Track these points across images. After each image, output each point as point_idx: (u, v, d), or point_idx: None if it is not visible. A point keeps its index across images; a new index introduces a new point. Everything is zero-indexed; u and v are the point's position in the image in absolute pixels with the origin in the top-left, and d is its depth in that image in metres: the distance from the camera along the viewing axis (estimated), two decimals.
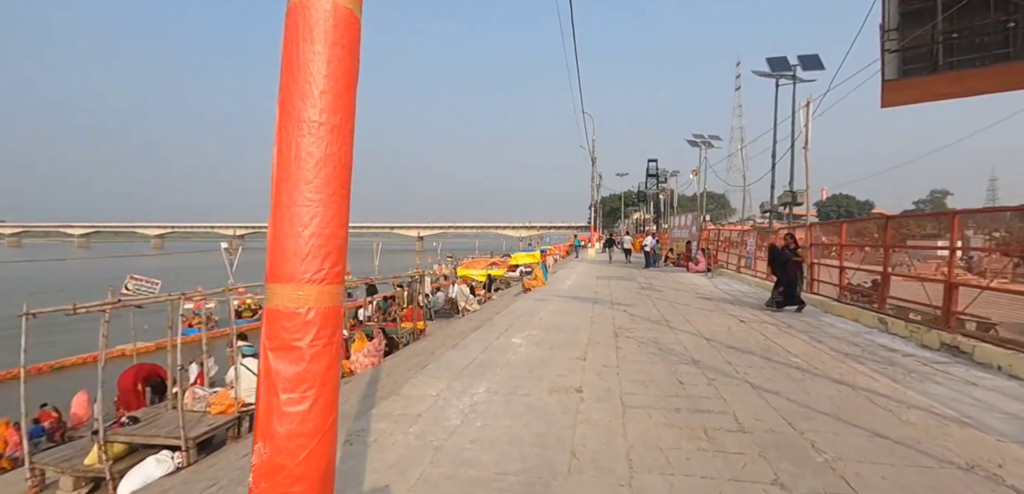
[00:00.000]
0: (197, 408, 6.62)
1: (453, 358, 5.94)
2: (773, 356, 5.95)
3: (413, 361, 7.26)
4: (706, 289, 13.30)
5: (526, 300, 11.49)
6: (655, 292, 12.68)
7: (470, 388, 4.72)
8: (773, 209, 17.85)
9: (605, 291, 12.93)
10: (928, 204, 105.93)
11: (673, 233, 27.84)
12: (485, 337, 7.17)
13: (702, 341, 6.80)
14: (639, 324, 8.12)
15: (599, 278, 16.86)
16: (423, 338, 12.06)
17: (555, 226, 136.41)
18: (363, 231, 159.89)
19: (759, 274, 14.86)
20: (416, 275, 13.44)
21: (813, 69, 16.27)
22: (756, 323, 8.15)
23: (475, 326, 9.10)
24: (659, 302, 10.70)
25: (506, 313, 9.61)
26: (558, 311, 9.53)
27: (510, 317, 9.02)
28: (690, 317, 8.75)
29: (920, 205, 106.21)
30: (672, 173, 46.04)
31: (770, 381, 4.94)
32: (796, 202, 16.02)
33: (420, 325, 12.63)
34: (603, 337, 7.07)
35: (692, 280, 15.90)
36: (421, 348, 9.09)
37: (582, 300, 11.09)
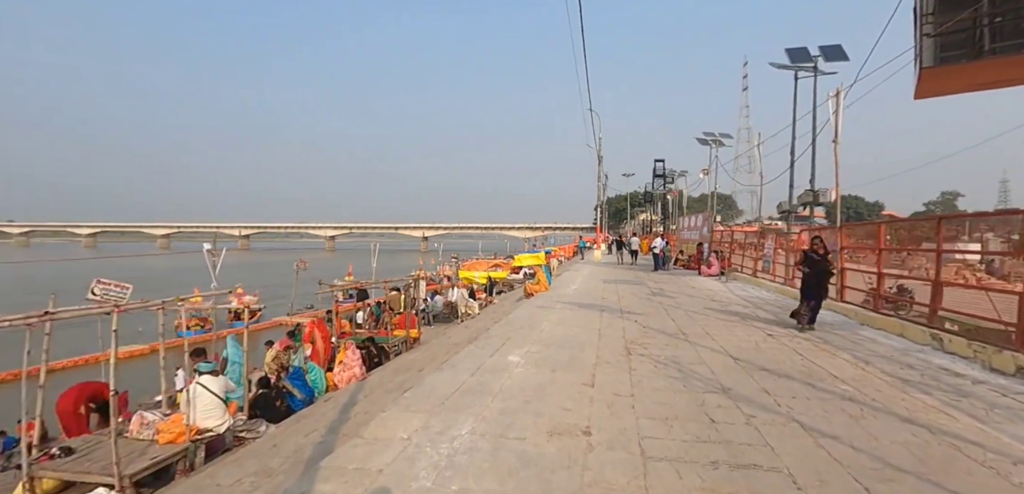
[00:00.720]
0: (144, 436, 5.75)
1: (438, 382, 5.03)
2: (817, 382, 5.01)
3: (394, 382, 6.37)
4: (722, 295, 12.33)
5: (528, 307, 10.58)
6: (667, 298, 11.73)
7: (452, 427, 3.82)
8: (792, 209, 16.85)
9: (613, 297, 11.99)
10: (939, 206, 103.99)
11: (682, 234, 26.83)
12: (478, 353, 6.26)
13: (728, 360, 5.86)
14: (653, 338, 7.18)
15: (606, 282, 15.91)
16: (416, 348, 11.18)
17: (560, 227, 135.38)
18: (368, 232, 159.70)
19: (778, 279, 13.87)
20: (411, 279, 12.55)
21: (836, 60, 15.24)
22: (786, 337, 7.19)
23: (470, 337, 8.20)
24: (673, 310, 9.76)
25: (505, 322, 8.70)
26: (562, 321, 8.61)
27: (509, 327, 8.11)
28: (710, 329, 7.80)
29: (930, 207, 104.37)
30: (680, 173, 44.90)
31: (823, 419, 4.00)
32: (817, 202, 15.03)
33: (414, 333, 11.76)
34: (613, 354, 6.15)
35: (705, 285, 14.92)
36: (409, 363, 8.20)
37: (589, 308, 10.16)
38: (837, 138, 9.62)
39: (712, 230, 22.19)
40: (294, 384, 8.04)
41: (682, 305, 10.56)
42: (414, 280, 12.32)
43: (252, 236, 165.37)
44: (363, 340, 10.70)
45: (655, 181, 70.00)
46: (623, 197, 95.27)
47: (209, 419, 5.84)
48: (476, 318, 13.18)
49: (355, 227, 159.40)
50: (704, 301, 11.27)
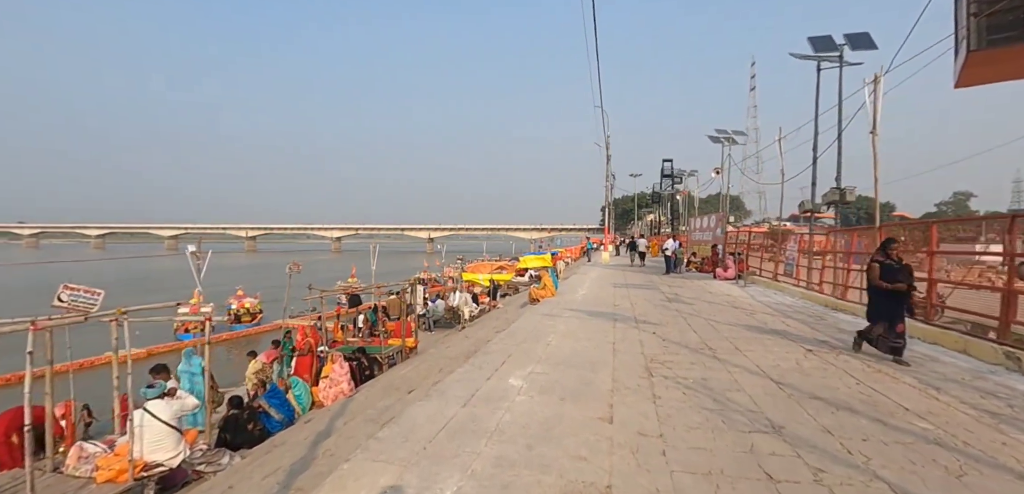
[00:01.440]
0: (81, 472, 4.92)
1: (422, 416, 4.14)
2: (887, 417, 4.08)
3: (377, 407, 5.49)
4: (744, 302, 11.37)
5: (533, 315, 9.68)
6: (685, 305, 10.80)
7: (431, 486, 2.93)
8: (815, 209, 15.83)
9: (625, 303, 11.07)
10: (951, 206, 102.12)
11: (694, 236, 25.82)
12: (474, 375, 5.37)
13: (770, 385, 4.93)
14: (676, 354, 6.26)
15: (617, 286, 14.98)
16: (411, 359, 10.32)
17: (566, 228, 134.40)
18: (374, 233, 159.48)
19: (802, 283, 12.88)
20: (408, 284, 11.68)
21: (863, 48, 14.20)
22: (830, 355, 6.24)
23: (467, 351, 7.31)
24: (693, 319, 8.82)
25: (507, 333, 7.80)
26: (571, 332, 7.71)
27: (511, 340, 7.21)
28: (740, 343, 6.87)
29: (942, 208, 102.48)
30: (689, 173, 43.79)
31: (914, 475, 3.07)
32: (845, 200, 14.01)
33: (410, 342, 10.89)
34: (632, 376, 5.24)
35: (723, 289, 13.95)
36: (398, 380, 7.32)
37: (600, 316, 9.25)
38: (875, 128, 8.66)
39: (726, 231, 21.19)
40: (271, 403, 7.19)
41: (702, 313, 9.62)
42: (411, 284, 11.48)
43: (259, 237, 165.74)
44: (353, 350, 9.85)
45: (663, 181, 68.90)
46: (630, 198, 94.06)
47: (158, 451, 5.00)
48: (477, 326, 12.30)
49: (361, 228, 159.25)
50: (725, 309, 10.31)
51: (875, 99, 8.67)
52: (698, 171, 46.09)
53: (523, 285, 28.11)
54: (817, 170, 15.17)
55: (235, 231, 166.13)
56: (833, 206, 14.69)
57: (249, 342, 27.56)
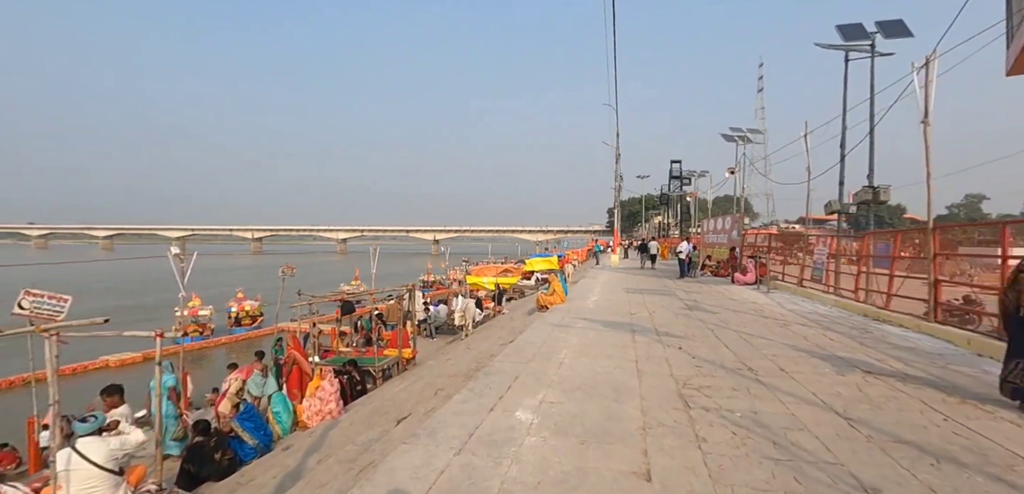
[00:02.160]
0: None
1: (403, 470, 3.24)
2: (1006, 474, 3.13)
3: (357, 442, 4.61)
4: (772, 310, 10.40)
5: (542, 325, 8.77)
6: (708, 313, 9.84)
7: None
8: (843, 210, 14.79)
9: (643, 312, 10.13)
10: (962, 208, 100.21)
11: (707, 238, 24.77)
12: (473, 405, 4.47)
13: (838, 422, 4.00)
14: (712, 376, 5.33)
15: (630, 292, 14.04)
16: (408, 371, 9.43)
17: (572, 230, 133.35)
18: (380, 234, 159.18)
19: (832, 290, 11.88)
20: (406, 289, 10.79)
21: (897, 37, 13.19)
22: (896, 380, 5.28)
23: (468, 370, 6.42)
24: (722, 332, 7.87)
25: (514, 348, 6.89)
26: (586, 347, 6.79)
27: (518, 356, 6.30)
28: (783, 362, 5.92)
29: (953, 210, 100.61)
30: (700, 174, 42.70)
31: None
32: (879, 200, 12.99)
33: (407, 353, 10.01)
34: (665, 407, 4.32)
35: (745, 296, 12.97)
36: (388, 404, 6.42)
37: (616, 327, 8.33)
38: (927, 118, 7.69)
39: (742, 233, 20.18)
40: (245, 427, 6.33)
41: (729, 324, 8.66)
42: (409, 289, 10.59)
43: (264, 239, 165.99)
44: (345, 362, 8.98)
45: (671, 183, 67.75)
46: (637, 199, 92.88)
47: None
48: (480, 334, 11.40)
49: (367, 230, 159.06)
50: (753, 319, 9.35)
51: (926, 84, 7.72)
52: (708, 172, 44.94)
53: (529, 289, 27.19)
54: (844, 168, 14.16)
55: (241, 233, 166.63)
56: (868, 206, 13.61)
57: (250, 345, 26.85)
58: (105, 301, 44.67)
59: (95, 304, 43.30)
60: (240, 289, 35.89)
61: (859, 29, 13.49)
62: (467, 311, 12.58)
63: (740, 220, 19.98)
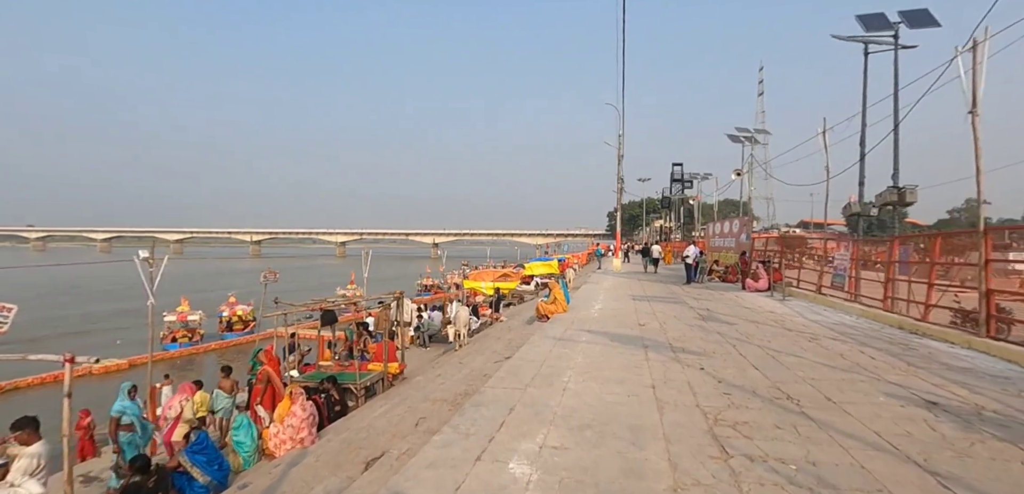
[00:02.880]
0: None
1: None
2: None
3: (318, 490, 3.71)
4: (794, 321, 9.49)
5: (542, 338, 7.87)
6: (725, 324, 8.95)
7: None
8: (863, 213, 13.88)
9: (652, 322, 9.23)
10: (963, 212, 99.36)
11: (713, 242, 23.87)
12: (457, 450, 3.57)
13: (926, 480, 3.09)
14: (746, 406, 4.44)
15: (636, 299, 13.15)
16: (392, 390, 8.53)
17: (572, 233, 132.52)
18: (379, 238, 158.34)
19: (855, 298, 10.99)
20: (393, 297, 9.87)
21: (922, 26, 12.35)
22: (973, 416, 4.38)
23: (456, 394, 5.53)
24: (745, 348, 6.97)
25: (510, 369, 5.99)
26: (593, 367, 5.89)
27: (515, 380, 5.40)
28: (826, 388, 5.02)
29: (955, 213, 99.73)
30: (703, 176, 41.85)
31: None
32: (904, 201, 12.12)
33: (393, 368, 9.10)
34: (698, 457, 3.42)
35: (760, 304, 12.08)
36: (361, 438, 5.51)
37: (625, 341, 7.43)
38: (975, 107, 6.82)
39: (751, 237, 19.29)
40: (195, 461, 5.42)
41: (751, 338, 7.76)
42: (397, 297, 9.68)
43: (264, 242, 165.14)
44: (322, 378, 8.06)
45: (673, 186, 66.86)
46: (637, 203, 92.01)
47: None
48: (475, 346, 10.49)
49: (366, 233, 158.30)
50: (776, 331, 8.46)
51: (974, 69, 6.85)
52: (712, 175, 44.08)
53: (529, 294, 26.28)
54: (864, 167, 13.26)
55: (240, 235, 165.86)
56: (894, 208, 12.71)
57: (242, 352, 25.85)
58: (95, 305, 43.69)
59: (88, 308, 42.33)
60: (232, 293, 35.00)
61: (881, 19, 12.63)
62: (459, 319, 11.66)
63: (749, 223, 19.09)
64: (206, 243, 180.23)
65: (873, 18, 12.70)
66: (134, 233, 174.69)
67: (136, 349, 27.78)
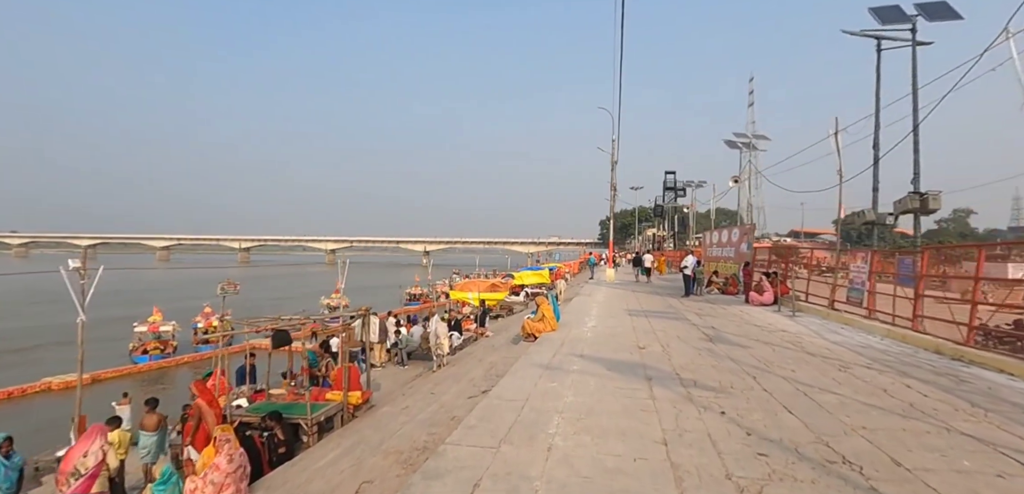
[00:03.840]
0: None
1: None
2: None
3: None
4: (813, 342, 8.40)
5: (527, 366, 6.69)
6: (735, 346, 7.83)
7: None
8: (877, 221, 12.86)
9: (654, 344, 8.09)
10: (951, 222, 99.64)
11: (711, 252, 22.85)
12: None
13: None
14: (791, 475, 3.28)
15: (633, 314, 12.02)
16: (347, 428, 7.28)
17: (564, 242, 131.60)
18: (370, 245, 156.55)
19: (874, 314, 9.95)
20: (360, 313, 8.64)
21: (940, 19, 11.41)
22: None
23: (409, 454, 4.33)
24: (767, 379, 5.84)
25: (482, 414, 4.79)
26: (588, 412, 4.72)
27: (487, 431, 4.21)
28: (885, 441, 3.88)
29: (943, 224, 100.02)
30: (698, 184, 41.00)
31: None
32: (927, 209, 11.13)
33: (355, 398, 7.85)
34: None
35: (768, 320, 11.00)
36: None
37: (624, 370, 6.27)
38: None
39: (753, 247, 18.28)
40: None
41: (770, 364, 6.64)
42: (362, 314, 8.43)
43: (252, 249, 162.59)
44: (267, 412, 6.80)
45: (665, 194, 66.12)
46: (629, 212, 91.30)
47: None
48: (453, 371, 9.27)
49: (356, 240, 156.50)
50: (796, 355, 7.35)
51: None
52: (706, 182, 43.24)
53: (518, 305, 25.07)
54: (878, 171, 12.28)
55: (229, 242, 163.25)
56: (915, 215, 11.66)
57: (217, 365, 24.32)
58: (69, 315, 41.66)
59: (59, 319, 40.38)
60: (208, 304, 33.47)
61: (897, 12, 11.69)
62: (439, 335, 10.44)
63: (751, 232, 18.08)
64: (193, 250, 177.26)
65: (889, 10, 11.74)
66: (119, 239, 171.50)
67: (99, 364, 26.24)
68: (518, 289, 29.12)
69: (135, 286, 64.46)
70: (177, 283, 69.86)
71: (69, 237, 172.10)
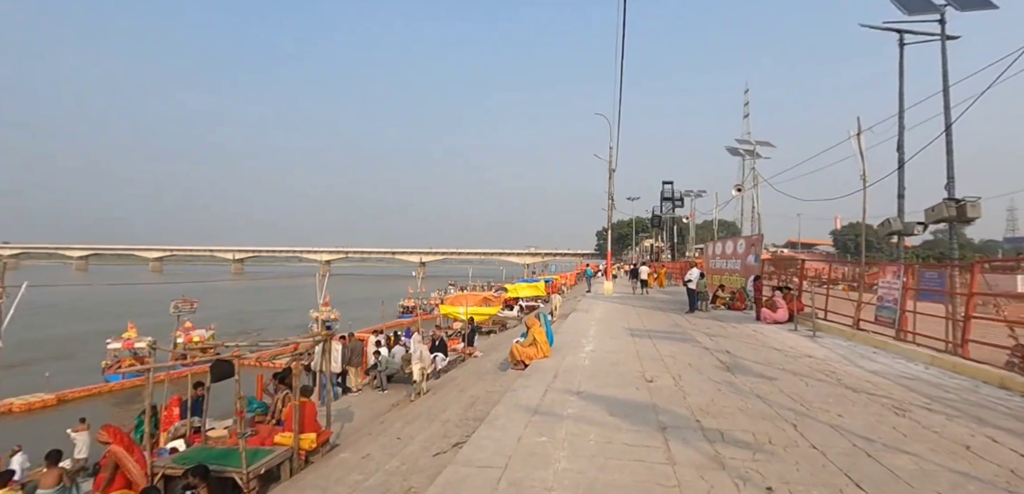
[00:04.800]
0: None
1: None
2: None
3: None
4: (848, 372, 7.20)
5: (512, 409, 5.47)
6: (761, 379, 6.62)
7: None
8: (905, 230, 11.68)
9: (662, 374, 6.88)
10: (944, 232, 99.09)
11: (714, 264, 21.69)
12: None
13: None
14: None
15: (635, 334, 10.82)
16: (300, 476, 6.02)
17: (561, 253, 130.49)
18: (366, 256, 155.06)
19: (905, 334, 8.79)
20: (317, 338, 7.40)
21: (973, 9, 10.37)
22: None
23: None
24: (810, 428, 4.64)
25: (449, 483, 3.58)
26: (586, 484, 3.50)
27: None
28: None
29: (938, 234, 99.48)
30: (697, 193, 39.95)
31: None
32: (965, 217, 10.00)
33: (307, 441, 6.58)
34: None
35: (788, 343, 9.81)
36: None
37: (630, 415, 5.06)
38: None
39: (761, 259, 17.15)
40: None
41: (808, 403, 5.44)
42: (323, 339, 7.18)
43: (247, 260, 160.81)
44: (190, 465, 5.52)
45: (663, 204, 65.13)
46: (626, 222, 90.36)
47: None
48: (428, 406, 8.03)
49: (351, 251, 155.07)
50: (833, 389, 6.15)
51: None
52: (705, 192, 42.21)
53: (511, 321, 23.84)
54: (903, 177, 11.16)
55: (223, 253, 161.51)
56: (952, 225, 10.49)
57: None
58: (58, 328, 40.19)
59: (52, 330, 38.79)
60: (187, 319, 32.07)
61: (924, 3, 10.62)
62: (420, 359, 9.22)
63: (759, 242, 16.95)
64: (187, 261, 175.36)
65: (915, 1, 10.68)
66: (112, 250, 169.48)
67: (69, 382, 24.77)
68: (512, 302, 27.92)
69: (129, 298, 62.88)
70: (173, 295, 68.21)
71: (61, 248, 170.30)
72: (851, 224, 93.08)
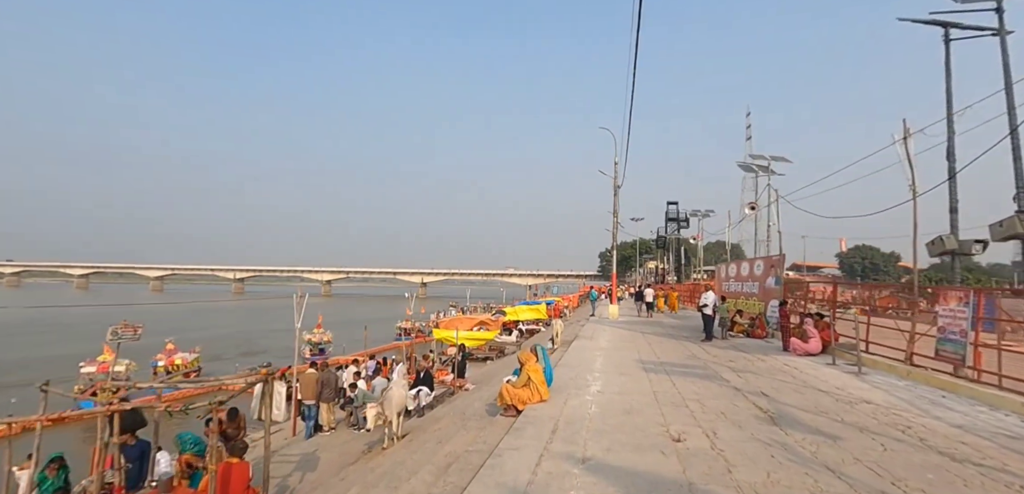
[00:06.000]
0: None
1: None
2: None
3: None
4: (921, 422, 5.67)
5: (493, 489, 3.97)
6: (822, 437, 5.10)
7: None
8: (963, 249, 10.17)
9: (692, 429, 5.36)
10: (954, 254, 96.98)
11: (728, 286, 20.14)
12: None
13: None
14: None
15: (648, 368, 9.30)
16: None
17: (563, 274, 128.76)
18: (368, 276, 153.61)
19: (976, 373, 7.25)
20: (259, 374, 5.94)
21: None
22: None
23: None
24: None
25: None
26: None
27: None
28: None
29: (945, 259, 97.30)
30: (705, 213, 38.52)
31: None
32: None
33: None
34: None
35: (831, 382, 8.27)
36: None
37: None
38: None
39: (783, 282, 15.63)
40: None
41: (896, 479, 3.92)
42: (264, 377, 5.74)
43: (247, 280, 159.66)
44: None
45: (668, 225, 63.75)
46: (630, 243, 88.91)
47: None
48: (392, 464, 6.50)
49: (353, 271, 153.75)
50: (916, 453, 4.63)
51: None
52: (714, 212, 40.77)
53: (510, 346, 22.25)
54: (955, 189, 9.72)
55: (224, 273, 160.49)
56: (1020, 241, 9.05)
57: (187, 411, 21.48)
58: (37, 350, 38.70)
59: (42, 351, 37.29)
60: (170, 340, 30.56)
61: None
62: (393, 401, 7.73)
63: (780, 263, 15.44)
64: (189, 280, 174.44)
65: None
66: (113, 269, 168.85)
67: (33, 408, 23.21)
68: (511, 326, 26.36)
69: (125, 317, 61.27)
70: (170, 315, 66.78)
71: (62, 266, 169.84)
72: (857, 247, 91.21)
